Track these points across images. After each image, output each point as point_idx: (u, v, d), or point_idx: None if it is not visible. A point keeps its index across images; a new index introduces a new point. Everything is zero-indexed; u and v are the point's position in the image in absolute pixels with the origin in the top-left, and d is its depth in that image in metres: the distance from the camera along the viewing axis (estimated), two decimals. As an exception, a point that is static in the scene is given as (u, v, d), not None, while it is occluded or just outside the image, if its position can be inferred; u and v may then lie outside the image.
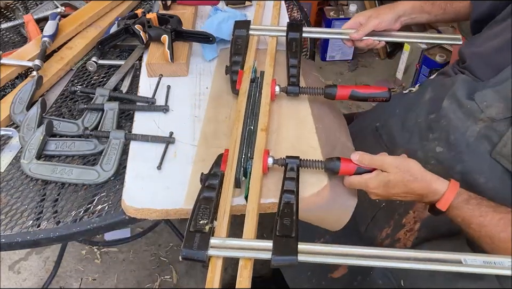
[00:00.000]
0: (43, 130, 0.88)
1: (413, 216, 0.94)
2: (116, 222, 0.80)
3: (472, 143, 0.85)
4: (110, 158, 0.87)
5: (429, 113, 0.94)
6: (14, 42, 1.21)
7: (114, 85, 1.04)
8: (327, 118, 0.99)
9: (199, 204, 0.72)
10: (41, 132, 0.88)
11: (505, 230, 0.70)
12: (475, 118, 0.85)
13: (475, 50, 0.94)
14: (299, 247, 0.66)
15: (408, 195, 0.78)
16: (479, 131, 0.84)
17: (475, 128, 0.84)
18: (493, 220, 0.72)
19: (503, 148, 0.80)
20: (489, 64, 0.88)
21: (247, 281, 0.63)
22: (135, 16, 1.14)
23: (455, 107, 0.88)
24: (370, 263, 0.67)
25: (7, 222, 0.79)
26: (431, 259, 0.67)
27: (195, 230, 0.67)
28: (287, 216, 0.72)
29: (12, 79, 1.05)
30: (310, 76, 1.09)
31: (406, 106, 1.02)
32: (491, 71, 0.87)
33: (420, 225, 0.94)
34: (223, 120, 0.94)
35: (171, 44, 1.05)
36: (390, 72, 2.60)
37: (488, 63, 0.89)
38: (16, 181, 0.86)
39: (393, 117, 1.03)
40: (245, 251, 0.67)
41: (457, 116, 0.87)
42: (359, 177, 0.80)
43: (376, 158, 0.78)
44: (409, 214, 0.95)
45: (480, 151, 0.84)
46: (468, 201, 0.75)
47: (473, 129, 0.85)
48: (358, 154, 0.79)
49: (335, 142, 0.93)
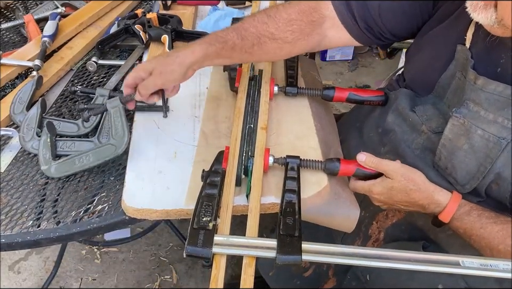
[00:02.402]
0: (47, 132, 0.88)
1: (377, 227, 0.96)
2: (116, 222, 0.80)
3: (418, 154, 0.86)
4: (117, 127, 0.86)
5: (377, 127, 0.95)
6: (14, 42, 1.21)
7: (114, 85, 1.04)
8: (324, 119, 0.99)
9: (202, 201, 0.72)
10: (46, 135, 0.88)
11: (503, 242, 0.72)
12: (418, 130, 0.85)
13: (408, 67, 0.94)
14: (303, 246, 0.67)
15: (410, 205, 0.79)
16: (423, 143, 0.85)
17: (419, 141, 0.85)
18: (492, 232, 0.73)
19: (439, 161, 0.81)
20: (420, 81, 0.89)
21: (251, 279, 0.64)
22: (135, 16, 1.15)
23: (400, 121, 0.89)
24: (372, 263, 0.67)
25: (7, 222, 0.79)
26: (431, 261, 0.67)
27: (199, 227, 0.67)
28: (289, 215, 0.72)
29: (12, 79, 1.05)
30: (307, 75, 1.09)
31: (362, 119, 1.03)
32: (424, 88, 0.87)
33: (384, 234, 0.95)
34: (223, 120, 0.94)
35: (171, 44, 1.05)
36: (390, 72, 2.59)
37: (418, 80, 0.89)
38: (16, 181, 0.86)
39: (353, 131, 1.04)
40: (249, 249, 0.67)
41: (402, 129, 0.88)
42: (363, 183, 0.81)
43: (384, 162, 0.79)
44: (373, 224, 0.96)
45: (426, 161, 0.84)
46: (469, 213, 0.75)
47: (417, 141, 0.86)
48: (365, 155, 0.79)
49: (331, 143, 0.94)
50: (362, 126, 1.01)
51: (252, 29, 0.85)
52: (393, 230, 0.93)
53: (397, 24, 0.88)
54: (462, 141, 0.75)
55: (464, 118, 0.75)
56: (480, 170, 0.74)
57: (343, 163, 0.81)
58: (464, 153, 0.75)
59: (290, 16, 0.87)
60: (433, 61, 0.84)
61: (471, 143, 0.74)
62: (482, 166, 0.73)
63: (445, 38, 0.82)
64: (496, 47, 0.71)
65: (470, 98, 0.74)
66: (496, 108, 0.71)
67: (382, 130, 0.93)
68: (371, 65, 2.69)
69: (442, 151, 0.79)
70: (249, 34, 0.85)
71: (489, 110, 0.72)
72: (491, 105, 0.72)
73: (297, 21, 0.87)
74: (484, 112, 0.72)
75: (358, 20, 0.88)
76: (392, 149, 0.90)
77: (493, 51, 0.73)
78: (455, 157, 0.77)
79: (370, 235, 0.97)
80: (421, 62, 0.88)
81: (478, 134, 0.73)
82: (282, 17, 0.86)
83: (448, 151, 0.78)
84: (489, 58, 0.73)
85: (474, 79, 0.73)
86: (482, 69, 0.74)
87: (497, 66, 0.72)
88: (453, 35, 0.80)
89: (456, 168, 0.77)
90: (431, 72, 0.85)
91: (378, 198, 0.80)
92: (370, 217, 0.97)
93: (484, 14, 0.66)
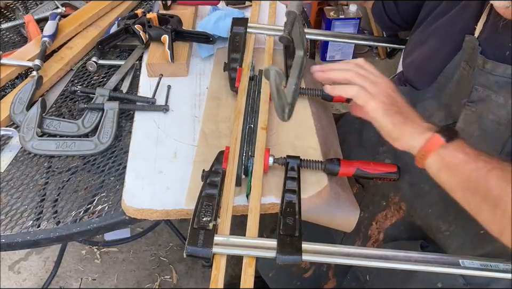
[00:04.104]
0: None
1: (376, 227, 0.96)
2: (116, 222, 0.80)
3: None
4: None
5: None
6: (14, 42, 1.21)
7: (114, 85, 1.04)
8: (324, 119, 0.99)
9: (202, 201, 0.72)
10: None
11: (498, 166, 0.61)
12: None
13: (408, 62, 0.94)
14: (303, 247, 0.67)
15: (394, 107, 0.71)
16: None
17: None
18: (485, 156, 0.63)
19: None
20: (422, 73, 0.89)
21: (251, 279, 0.64)
22: (135, 16, 1.14)
23: None
24: (372, 263, 0.67)
25: (7, 222, 0.79)
26: (431, 261, 0.67)
27: (199, 227, 0.68)
28: (290, 215, 0.72)
29: (12, 79, 1.05)
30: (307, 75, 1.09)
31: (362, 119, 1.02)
32: (426, 80, 0.87)
33: (383, 235, 0.95)
34: (223, 120, 0.94)
35: (171, 44, 1.05)
36: (390, 72, 2.59)
37: (421, 73, 0.89)
38: (16, 181, 0.86)
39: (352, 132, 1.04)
40: (249, 249, 0.67)
41: None
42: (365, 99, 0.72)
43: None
44: (372, 225, 0.96)
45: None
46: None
47: None
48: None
49: (331, 143, 0.94)
50: (361, 126, 1.01)
51: None
52: (393, 230, 0.93)
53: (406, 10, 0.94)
54: (474, 128, 0.75)
55: (476, 105, 0.74)
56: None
57: (343, 163, 0.81)
58: (476, 140, 0.74)
59: None
60: (438, 51, 0.84)
61: (483, 129, 0.74)
62: (494, 150, 0.72)
63: (450, 28, 0.83)
64: (506, 31, 0.71)
65: (480, 83, 0.74)
66: (507, 91, 0.71)
67: None
68: (371, 65, 2.69)
69: None
70: None
71: (499, 93, 0.72)
72: (501, 88, 0.71)
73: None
74: (495, 96, 0.72)
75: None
76: (389, 148, 0.90)
77: (502, 35, 0.72)
78: None
79: (370, 236, 0.97)
80: (424, 54, 0.88)
81: (490, 119, 0.73)
82: None
83: None
84: (498, 42, 0.73)
85: (483, 64, 0.73)
86: (491, 53, 0.73)
87: (505, 49, 0.72)
88: (459, 26, 0.80)
89: None
90: (435, 63, 0.84)
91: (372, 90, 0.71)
92: (370, 218, 0.97)
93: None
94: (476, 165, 0.62)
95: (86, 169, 0.88)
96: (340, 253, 0.68)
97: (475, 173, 0.61)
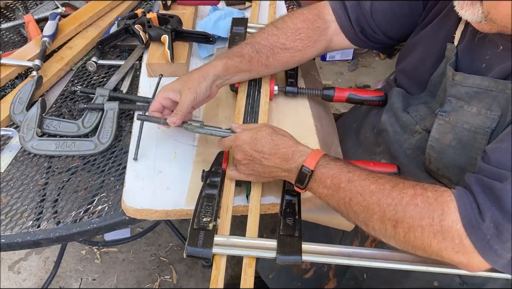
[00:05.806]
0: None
1: None
2: (116, 222, 0.80)
3: (409, 155, 0.85)
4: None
5: (373, 128, 0.95)
6: (14, 42, 1.21)
7: (114, 85, 1.04)
8: (324, 119, 0.99)
9: (202, 201, 0.72)
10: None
11: (375, 182, 0.65)
12: (411, 130, 0.85)
13: (400, 67, 0.94)
14: (303, 247, 0.67)
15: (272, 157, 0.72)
16: (415, 144, 0.85)
17: (412, 141, 0.85)
18: (362, 174, 0.67)
19: (430, 164, 0.81)
20: (413, 80, 0.89)
21: (251, 279, 0.64)
22: (135, 16, 1.14)
23: (393, 121, 0.89)
24: (371, 263, 0.67)
25: (7, 222, 0.79)
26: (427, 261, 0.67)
27: (199, 228, 0.68)
28: (289, 215, 0.72)
29: (11, 79, 1.05)
30: (308, 75, 1.09)
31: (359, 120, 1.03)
32: (417, 86, 0.87)
33: None
34: (223, 120, 0.94)
35: (171, 44, 1.05)
36: (390, 72, 2.59)
37: (411, 79, 0.90)
38: (16, 181, 0.86)
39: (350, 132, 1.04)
40: (249, 250, 0.67)
41: (394, 129, 0.88)
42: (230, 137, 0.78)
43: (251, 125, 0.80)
44: None
45: (418, 162, 0.84)
46: (335, 159, 0.71)
47: (410, 142, 0.85)
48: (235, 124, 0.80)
49: (330, 143, 0.94)
50: (359, 126, 1.01)
51: (264, 42, 0.90)
52: None
53: (389, 25, 0.90)
54: (450, 138, 0.76)
55: (449, 115, 0.76)
56: (471, 163, 0.74)
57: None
58: (453, 150, 0.76)
59: (297, 26, 0.91)
60: (425, 59, 0.85)
61: (459, 138, 0.75)
62: (472, 158, 0.74)
63: (434, 37, 0.83)
64: (483, 44, 0.73)
65: (452, 95, 0.76)
66: (478, 100, 0.73)
67: (377, 130, 0.93)
68: (371, 65, 2.69)
69: (431, 154, 0.79)
70: (262, 47, 0.90)
71: (471, 103, 0.73)
72: (472, 98, 0.73)
73: (304, 29, 0.91)
74: (467, 106, 0.74)
75: (353, 23, 0.91)
76: (385, 149, 0.90)
77: (480, 48, 0.74)
78: (444, 155, 0.77)
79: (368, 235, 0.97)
80: (413, 61, 0.89)
81: (465, 128, 0.74)
82: (290, 28, 0.91)
83: (437, 152, 0.78)
84: (476, 54, 0.75)
85: (452, 76, 0.75)
86: (468, 65, 0.75)
87: (482, 62, 0.74)
88: (442, 34, 0.81)
89: (448, 167, 0.78)
90: (423, 70, 0.85)
91: (241, 146, 0.74)
92: None
93: (471, 11, 0.66)
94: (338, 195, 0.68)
95: (86, 169, 0.88)
96: (340, 253, 0.68)
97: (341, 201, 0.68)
